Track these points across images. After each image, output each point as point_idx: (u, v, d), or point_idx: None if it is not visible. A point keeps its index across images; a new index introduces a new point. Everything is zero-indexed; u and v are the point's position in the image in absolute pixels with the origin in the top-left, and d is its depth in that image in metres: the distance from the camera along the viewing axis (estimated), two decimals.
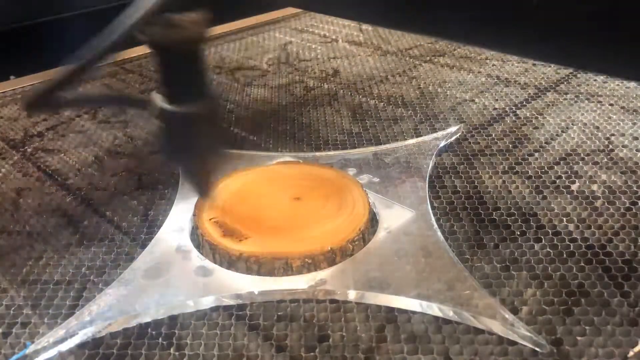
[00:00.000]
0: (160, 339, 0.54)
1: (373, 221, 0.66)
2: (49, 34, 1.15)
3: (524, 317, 0.54)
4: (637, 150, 0.79)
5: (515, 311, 0.54)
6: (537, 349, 0.50)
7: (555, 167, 0.76)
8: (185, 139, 0.55)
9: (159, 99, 0.53)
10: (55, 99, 0.48)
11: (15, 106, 1.04)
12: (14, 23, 1.12)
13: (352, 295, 0.57)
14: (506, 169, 0.77)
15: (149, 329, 0.54)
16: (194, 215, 0.66)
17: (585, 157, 0.78)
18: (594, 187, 0.72)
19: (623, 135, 0.83)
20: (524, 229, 0.65)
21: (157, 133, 0.56)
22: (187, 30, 0.49)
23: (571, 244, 0.62)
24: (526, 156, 0.79)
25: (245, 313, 0.56)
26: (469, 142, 0.83)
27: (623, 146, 0.80)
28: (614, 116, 0.88)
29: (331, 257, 0.60)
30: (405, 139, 0.84)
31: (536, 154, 0.80)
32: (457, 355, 0.50)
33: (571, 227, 0.65)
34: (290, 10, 1.46)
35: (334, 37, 1.31)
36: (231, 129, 0.58)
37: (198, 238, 0.64)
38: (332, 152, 0.82)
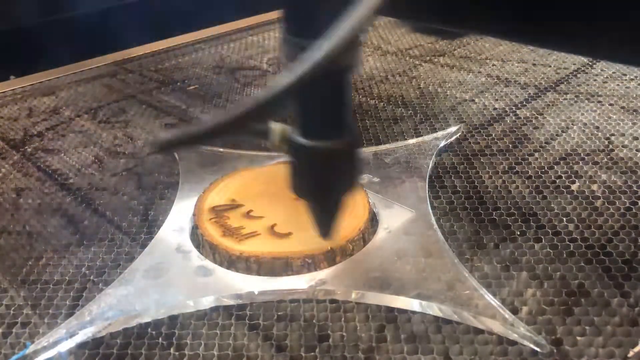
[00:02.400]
0: (160, 339, 0.54)
1: (373, 221, 0.66)
2: (49, 34, 1.15)
3: (524, 317, 0.54)
4: (637, 150, 0.79)
5: (515, 311, 0.54)
6: (537, 349, 0.50)
7: (555, 167, 0.76)
8: (320, 176, 0.51)
9: (285, 130, 0.49)
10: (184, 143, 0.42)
11: (16, 106, 1.04)
12: (15, 23, 1.12)
13: (352, 295, 0.57)
14: (506, 169, 0.77)
15: (149, 329, 0.54)
16: (194, 215, 0.66)
17: (585, 157, 0.78)
18: (594, 187, 0.72)
19: (623, 135, 0.83)
20: (524, 229, 0.65)
21: (289, 167, 0.52)
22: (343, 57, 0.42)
23: (571, 244, 0.62)
24: (526, 156, 0.79)
25: (245, 313, 0.56)
26: (469, 142, 0.83)
27: (623, 146, 0.80)
28: (614, 116, 0.88)
29: (331, 257, 0.60)
30: (405, 139, 0.84)
31: (536, 154, 0.80)
32: (457, 355, 0.50)
33: (571, 227, 0.65)
34: None
35: None
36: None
37: (198, 238, 0.64)
38: None
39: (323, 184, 0.52)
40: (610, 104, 0.91)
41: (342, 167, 0.51)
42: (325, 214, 0.55)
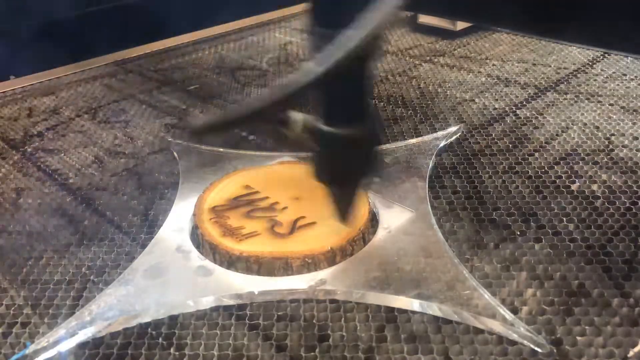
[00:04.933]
0: (160, 339, 0.54)
1: (373, 221, 0.66)
2: (49, 34, 1.15)
3: (524, 317, 0.54)
4: (637, 150, 0.79)
5: (515, 311, 0.54)
6: (537, 348, 0.50)
7: (555, 167, 0.76)
8: (341, 161, 0.54)
9: (308, 120, 0.51)
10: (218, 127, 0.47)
11: (16, 106, 1.04)
12: (14, 23, 1.12)
13: (352, 295, 0.57)
14: (506, 169, 0.77)
15: (149, 329, 0.54)
16: (194, 215, 0.66)
17: (585, 157, 0.78)
18: (594, 187, 0.72)
19: (623, 135, 0.83)
20: (524, 229, 0.65)
21: (312, 154, 0.55)
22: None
23: (571, 244, 0.62)
24: (526, 156, 0.79)
25: (245, 313, 0.56)
26: (469, 142, 0.83)
27: (623, 146, 0.80)
28: (614, 116, 0.88)
29: (331, 257, 0.60)
30: (405, 139, 0.84)
31: (536, 154, 0.80)
32: (457, 355, 0.50)
33: (571, 227, 0.65)
34: (290, 10, 1.46)
35: None
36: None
37: (198, 238, 0.64)
38: None
39: (345, 168, 0.55)
40: (610, 104, 0.91)
41: (363, 153, 0.54)
42: (345, 198, 0.58)
